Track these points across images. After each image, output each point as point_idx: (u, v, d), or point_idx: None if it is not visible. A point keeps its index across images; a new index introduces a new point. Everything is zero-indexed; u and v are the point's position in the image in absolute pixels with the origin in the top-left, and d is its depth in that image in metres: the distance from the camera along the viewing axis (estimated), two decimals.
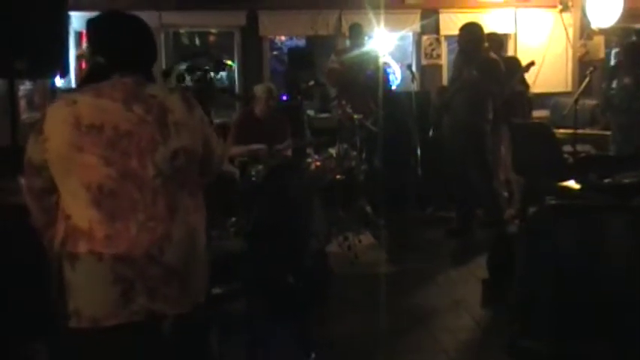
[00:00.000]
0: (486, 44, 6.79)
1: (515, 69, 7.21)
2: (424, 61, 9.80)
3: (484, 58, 6.56)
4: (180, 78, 5.68)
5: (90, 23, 2.38)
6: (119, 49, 2.32)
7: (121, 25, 2.38)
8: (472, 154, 6.58)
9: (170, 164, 2.22)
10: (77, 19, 7.88)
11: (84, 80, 2.34)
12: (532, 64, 7.33)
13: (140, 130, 2.19)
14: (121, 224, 2.14)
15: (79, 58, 7.24)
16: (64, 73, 4.67)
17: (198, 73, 5.56)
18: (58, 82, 6.85)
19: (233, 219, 4.86)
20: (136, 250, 2.14)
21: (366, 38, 8.35)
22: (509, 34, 9.79)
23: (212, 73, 5.70)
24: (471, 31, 6.64)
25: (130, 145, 2.17)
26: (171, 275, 2.20)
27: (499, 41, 7.62)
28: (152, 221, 2.17)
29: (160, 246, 2.17)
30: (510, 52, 9.54)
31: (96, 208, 2.13)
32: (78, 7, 7.09)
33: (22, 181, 2.29)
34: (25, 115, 6.66)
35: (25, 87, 7.01)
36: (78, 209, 2.14)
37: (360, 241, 6.23)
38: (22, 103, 6.88)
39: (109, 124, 2.16)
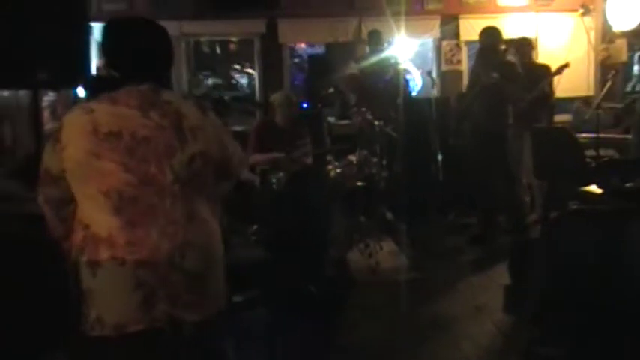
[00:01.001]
0: (503, 47, 6.75)
1: (544, 75, 7.05)
2: (444, 67, 9.77)
3: (501, 61, 6.53)
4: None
5: (105, 29, 2.39)
6: (137, 52, 2.32)
7: (137, 30, 2.38)
8: (493, 159, 6.55)
9: (187, 169, 2.23)
10: (99, 30, 7.95)
11: (97, 89, 2.35)
12: (566, 66, 6.99)
13: (157, 135, 2.20)
14: (142, 230, 2.15)
15: (99, 69, 7.31)
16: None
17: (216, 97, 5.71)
18: (81, 92, 6.92)
19: (254, 227, 4.87)
20: (158, 256, 2.14)
21: (385, 44, 8.34)
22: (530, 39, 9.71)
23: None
24: (489, 34, 6.63)
25: (148, 151, 2.18)
26: (192, 281, 2.21)
27: (529, 46, 7.49)
28: (172, 226, 2.18)
29: (181, 252, 2.18)
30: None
31: (116, 216, 2.14)
32: (100, 18, 7.16)
33: (40, 191, 2.31)
34: (48, 126, 6.70)
35: (48, 97, 7.09)
36: (97, 217, 2.15)
37: (381, 248, 6.23)
38: (46, 113, 6.95)
39: (127, 131, 2.17)
